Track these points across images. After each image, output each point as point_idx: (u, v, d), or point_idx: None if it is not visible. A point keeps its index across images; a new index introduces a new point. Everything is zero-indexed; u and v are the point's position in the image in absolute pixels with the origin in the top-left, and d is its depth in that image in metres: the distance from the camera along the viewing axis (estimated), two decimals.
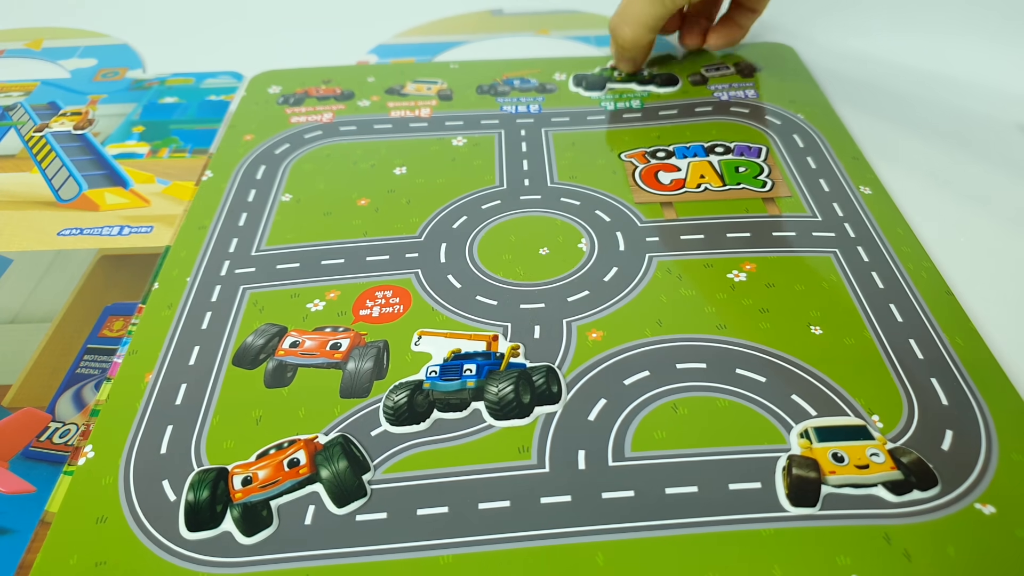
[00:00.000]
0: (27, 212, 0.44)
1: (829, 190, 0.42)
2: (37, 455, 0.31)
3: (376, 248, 0.40)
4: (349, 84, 0.53)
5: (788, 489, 0.28)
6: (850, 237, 0.39)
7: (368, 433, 0.31)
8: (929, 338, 0.33)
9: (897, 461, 0.28)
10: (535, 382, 0.32)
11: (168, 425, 0.32)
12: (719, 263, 0.38)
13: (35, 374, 0.35)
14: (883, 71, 0.53)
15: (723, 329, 0.34)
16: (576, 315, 0.35)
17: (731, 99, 0.50)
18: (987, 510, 0.27)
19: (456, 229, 0.41)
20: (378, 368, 0.33)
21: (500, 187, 0.44)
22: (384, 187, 0.44)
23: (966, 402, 0.31)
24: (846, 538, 0.27)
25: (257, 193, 0.44)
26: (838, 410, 0.31)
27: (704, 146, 0.45)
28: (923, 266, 0.37)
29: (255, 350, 0.34)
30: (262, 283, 0.38)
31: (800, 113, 0.48)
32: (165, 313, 0.37)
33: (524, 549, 0.27)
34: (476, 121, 0.49)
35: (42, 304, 0.38)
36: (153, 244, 0.41)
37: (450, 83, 0.53)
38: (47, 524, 0.29)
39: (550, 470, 0.29)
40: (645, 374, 0.33)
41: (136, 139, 0.49)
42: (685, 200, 0.42)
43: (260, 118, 0.50)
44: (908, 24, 0.58)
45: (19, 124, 0.51)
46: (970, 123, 0.47)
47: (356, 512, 0.28)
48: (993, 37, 0.56)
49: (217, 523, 0.28)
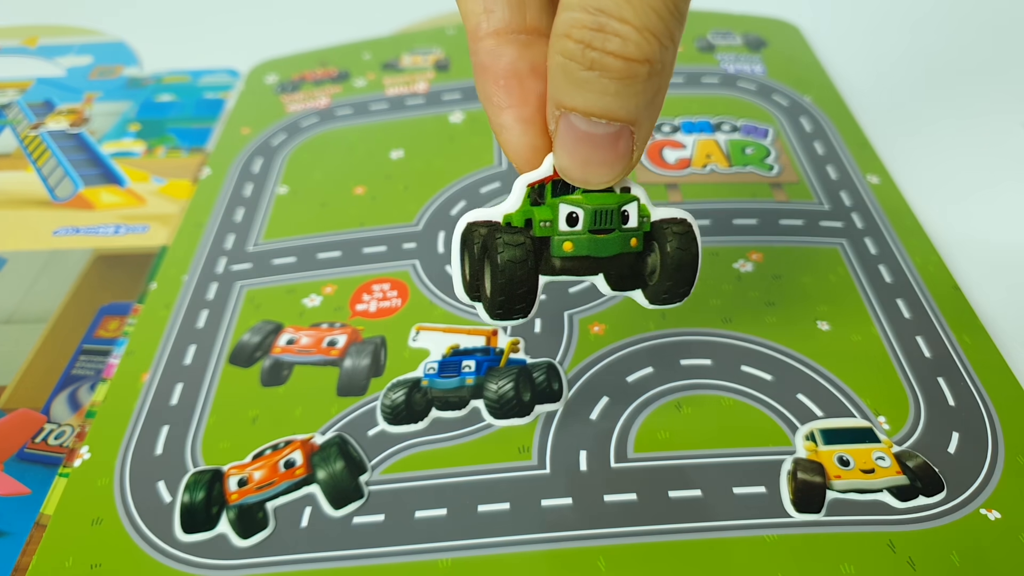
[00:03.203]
0: (22, 211, 0.44)
1: (836, 178, 0.41)
2: (32, 457, 0.31)
3: (373, 239, 0.39)
4: (345, 63, 0.53)
5: (793, 494, 0.27)
6: (858, 228, 0.38)
7: (365, 433, 0.31)
8: (936, 336, 0.33)
9: (903, 465, 0.28)
10: (535, 379, 0.32)
11: (164, 426, 0.32)
12: (725, 251, 0.37)
13: (30, 375, 0.35)
14: (890, 57, 0.52)
15: (729, 323, 0.34)
16: (578, 307, 0.35)
17: (738, 72, 0.49)
18: (992, 515, 0.27)
19: (455, 216, 0.40)
20: (375, 365, 0.33)
21: (499, 167, 0.43)
22: (381, 173, 0.43)
23: (973, 403, 0.30)
24: (851, 545, 0.26)
25: (254, 187, 0.44)
26: (844, 411, 0.30)
27: (711, 122, 0.44)
28: (931, 260, 0.36)
29: (251, 348, 0.34)
30: (258, 279, 0.38)
31: (807, 95, 0.47)
32: (162, 313, 0.36)
33: (524, 553, 0.27)
34: (474, 92, 0.48)
35: (37, 304, 0.38)
36: (149, 244, 0.41)
37: (447, 51, 0.52)
38: (42, 526, 0.29)
39: (551, 471, 0.29)
40: (648, 370, 0.32)
41: (132, 137, 0.49)
42: (691, 182, 0.41)
43: (257, 110, 0.50)
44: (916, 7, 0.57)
45: (14, 122, 0.51)
46: (980, 113, 0.46)
47: (353, 514, 0.28)
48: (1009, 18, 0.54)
49: (213, 525, 0.28)
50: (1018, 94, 0.47)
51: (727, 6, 0.55)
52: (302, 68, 0.53)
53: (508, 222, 0.24)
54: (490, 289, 0.24)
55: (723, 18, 0.54)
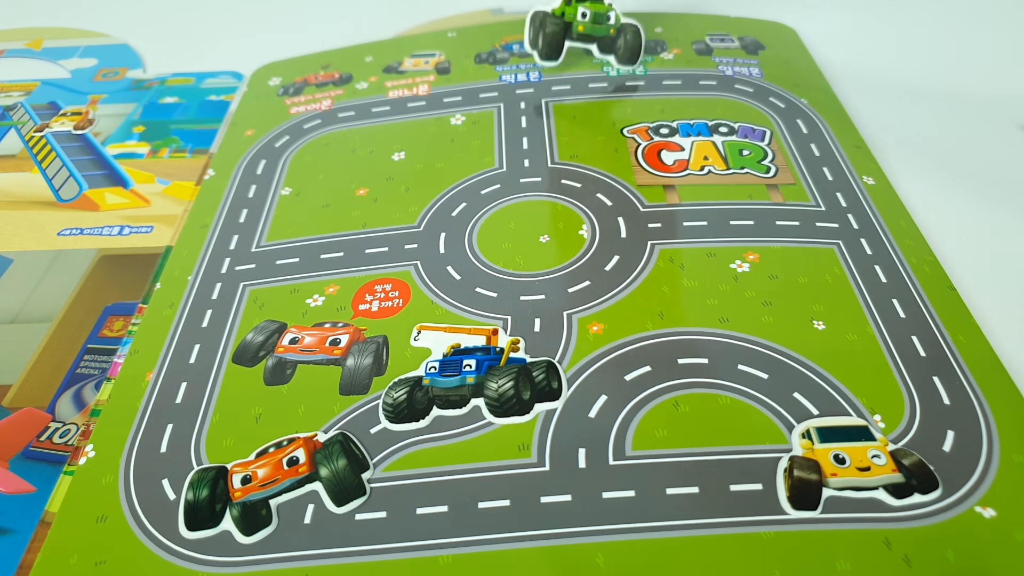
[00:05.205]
0: (27, 212, 0.44)
1: (832, 179, 0.41)
2: (37, 455, 0.32)
3: (375, 240, 0.39)
4: (347, 66, 0.53)
5: (789, 491, 0.28)
6: (853, 229, 0.38)
7: (367, 431, 0.31)
8: (931, 335, 0.33)
9: (898, 463, 0.28)
10: (535, 378, 0.32)
11: (168, 424, 0.32)
12: (722, 252, 0.37)
13: (35, 374, 0.35)
14: (885, 59, 0.52)
15: (726, 323, 0.34)
16: (577, 307, 0.35)
17: (735, 75, 0.49)
18: (987, 513, 0.27)
19: (455, 217, 0.40)
20: (377, 364, 0.33)
21: (500, 169, 0.43)
22: (383, 175, 0.44)
23: (967, 402, 0.30)
24: (846, 542, 0.26)
25: (257, 188, 0.44)
26: (840, 409, 0.30)
27: (708, 124, 0.45)
28: (926, 260, 0.37)
29: (255, 347, 0.34)
30: (262, 279, 0.38)
31: (804, 98, 0.47)
32: (167, 312, 0.37)
33: (524, 549, 0.27)
34: (475, 95, 0.49)
35: (42, 304, 0.38)
36: (153, 244, 0.41)
37: (448, 54, 0.53)
38: (47, 524, 0.29)
39: (550, 469, 0.29)
40: (646, 369, 0.32)
41: (136, 139, 0.49)
42: (688, 183, 0.41)
43: (261, 112, 0.50)
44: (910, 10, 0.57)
45: (19, 124, 0.51)
46: (975, 114, 0.47)
47: (355, 511, 0.29)
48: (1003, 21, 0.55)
49: (216, 522, 0.28)
50: (1013, 95, 0.48)
51: (725, 10, 0.55)
52: (305, 71, 0.53)
53: (561, 12, 0.49)
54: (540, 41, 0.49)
55: (721, 21, 0.54)
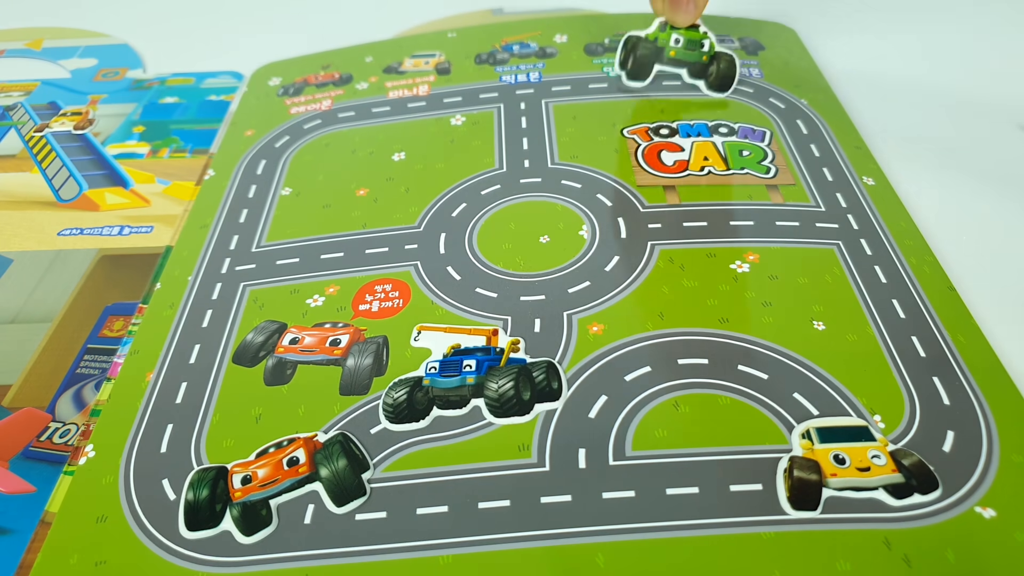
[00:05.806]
0: (27, 212, 0.44)
1: (832, 179, 0.41)
2: (37, 455, 0.32)
3: (375, 240, 0.39)
4: (347, 67, 0.53)
5: (789, 492, 0.28)
6: (853, 229, 0.38)
7: (368, 431, 0.31)
8: (931, 335, 0.33)
9: (898, 463, 0.28)
10: (535, 378, 0.32)
11: (168, 424, 0.32)
12: (722, 252, 0.37)
13: (35, 374, 0.35)
14: (885, 60, 0.52)
15: (725, 323, 0.34)
16: (577, 307, 0.35)
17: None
18: (987, 513, 0.27)
19: (455, 218, 0.40)
20: (377, 364, 0.33)
21: (500, 170, 0.43)
22: (383, 175, 0.44)
23: (967, 402, 0.30)
24: (846, 542, 0.26)
25: (258, 188, 0.44)
26: (840, 409, 0.30)
27: (708, 125, 0.45)
28: (926, 260, 0.37)
29: (255, 347, 0.34)
30: (262, 279, 0.38)
31: (804, 99, 0.47)
32: (167, 312, 0.37)
33: (524, 549, 0.27)
34: (475, 96, 0.49)
35: (42, 304, 0.38)
36: (153, 244, 0.41)
37: (448, 54, 0.53)
38: (47, 524, 0.29)
39: (550, 469, 0.29)
40: (646, 370, 0.32)
41: (136, 139, 0.49)
42: (688, 184, 0.41)
43: (261, 112, 0.50)
44: (911, 11, 0.57)
45: (19, 124, 0.51)
46: (975, 114, 0.47)
47: (355, 511, 0.29)
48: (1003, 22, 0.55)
49: (216, 522, 0.28)
50: (1014, 96, 0.48)
51: (725, 10, 0.55)
52: (305, 71, 0.53)
53: (655, 37, 0.47)
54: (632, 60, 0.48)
55: (721, 22, 0.54)
